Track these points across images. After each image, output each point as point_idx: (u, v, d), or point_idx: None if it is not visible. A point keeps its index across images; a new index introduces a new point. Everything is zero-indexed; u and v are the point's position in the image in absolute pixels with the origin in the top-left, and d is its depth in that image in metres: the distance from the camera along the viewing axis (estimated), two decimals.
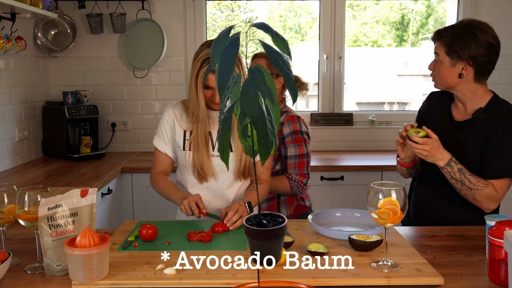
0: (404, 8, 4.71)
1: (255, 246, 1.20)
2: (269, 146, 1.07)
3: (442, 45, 1.71)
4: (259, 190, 1.84)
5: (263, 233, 1.16)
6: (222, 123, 1.08)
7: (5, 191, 1.34)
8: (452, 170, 1.64)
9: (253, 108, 1.03)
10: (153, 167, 1.95)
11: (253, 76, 1.05)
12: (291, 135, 2.18)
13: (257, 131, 1.05)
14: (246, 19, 4.15)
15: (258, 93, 1.05)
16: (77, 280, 1.20)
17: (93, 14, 3.33)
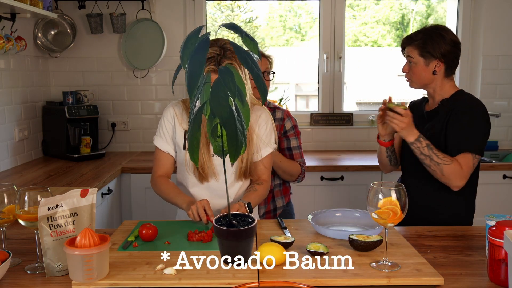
0: (404, 8, 4.71)
1: (225, 246, 1.20)
2: (238, 146, 1.07)
3: (414, 48, 1.92)
4: (259, 190, 1.84)
5: (233, 234, 1.16)
6: (192, 123, 1.08)
7: (5, 191, 1.34)
8: (421, 145, 1.79)
9: (223, 109, 1.04)
10: (154, 169, 1.91)
11: (222, 76, 1.05)
12: (293, 129, 2.31)
13: (226, 131, 1.06)
14: (246, 19, 4.15)
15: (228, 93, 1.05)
16: (77, 280, 1.20)
17: (93, 14, 3.33)
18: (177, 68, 1.16)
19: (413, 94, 5.51)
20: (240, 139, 1.06)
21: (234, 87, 1.05)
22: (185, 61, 1.07)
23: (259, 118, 1.87)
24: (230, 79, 1.05)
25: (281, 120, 2.26)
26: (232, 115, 1.05)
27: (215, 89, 1.04)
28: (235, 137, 1.06)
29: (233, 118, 1.05)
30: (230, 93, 1.05)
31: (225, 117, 1.04)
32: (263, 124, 1.86)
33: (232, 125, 1.05)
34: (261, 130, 1.86)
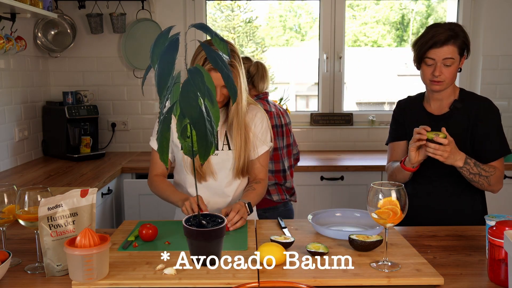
0: (404, 8, 4.71)
1: (195, 246, 1.20)
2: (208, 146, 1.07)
3: (455, 46, 1.76)
4: (258, 189, 1.84)
5: (202, 234, 1.16)
6: (162, 124, 1.08)
7: (5, 191, 1.34)
8: (470, 166, 1.71)
9: (193, 109, 1.04)
10: (150, 169, 1.94)
11: (192, 76, 1.05)
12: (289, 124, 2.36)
13: (196, 131, 1.06)
14: (246, 19, 4.15)
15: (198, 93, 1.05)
16: (77, 280, 1.20)
17: (93, 14, 3.33)
18: (147, 69, 1.16)
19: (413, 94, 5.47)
20: (210, 139, 1.07)
21: (204, 87, 1.06)
22: (154, 61, 1.07)
23: (255, 117, 1.87)
24: (200, 80, 1.06)
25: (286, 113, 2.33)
26: (202, 116, 1.06)
27: (185, 89, 1.04)
28: (204, 138, 1.06)
29: (202, 119, 1.05)
30: (200, 93, 1.05)
31: (195, 118, 1.04)
32: (258, 123, 1.87)
33: (202, 126, 1.05)
34: (257, 129, 1.87)
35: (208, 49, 1.09)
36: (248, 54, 4.24)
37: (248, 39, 4.26)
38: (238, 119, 1.78)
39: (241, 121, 1.79)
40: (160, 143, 1.09)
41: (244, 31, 4.22)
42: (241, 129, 1.80)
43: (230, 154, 1.83)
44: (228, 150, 1.83)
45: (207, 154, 1.08)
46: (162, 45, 1.07)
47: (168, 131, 1.08)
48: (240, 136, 1.80)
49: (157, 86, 1.03)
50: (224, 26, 4.15)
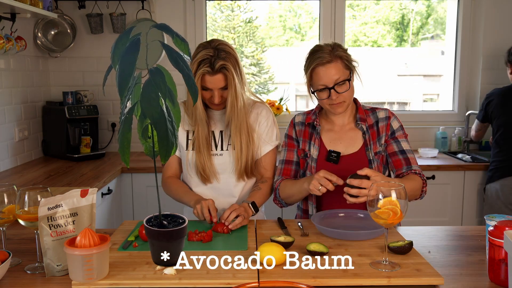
0: (404, 8, 4.71)
1: (156, 246, 1.20)
2: (169, 147, 1.07)
3: None
4: (264, 189, 1.84)
5: (163, 234, 1.16)
6: (123, 124, 1.08)
7: (5, 191, 1.34)
8: None
9: (154, 109, 1.04)
10: (163, 171, 1.94)
11: (153, 77, 1.06)
12: (401, 129, 1.89)
13: (157, 132, 1.06)
14: (246, 19, 4.15)
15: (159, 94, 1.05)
16: (77, 280, 1.20)
17: (93, 14, 3.33)
18: (108, 69, 1.16)
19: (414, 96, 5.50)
20: (171, 139, 1.07)
21: (165, 87, 1.06)
22: (115, 62, 1.07)
23: (259, 115, 1.87)
24: (161, 80, 1.06)
25: (385, 119, 1.83)
26: (163, 116, 1.06)
27: (146, 89, 1.05)
28: (166, 138, 1.06)
29: (163, 119, 1.06)
30: (161, 93, 1.06)
31: (156, 118, 1.04)
32: (263, 121, 1.86)
33: (163, 126, 1.05)
34: (261, 127, 1.86)
35: (169, 49, 1.09)
36: (248, 54, 4.24)
37: (248, 39, 4.26)
38: (236, 121, 1.78)
39: (241, 122, 1.79)
40: (121, 144, 1.09)
41: (244, 31, 4.22)
42: (242, 131, 1.79)
43: (232, 155, 1.83)
44: (233, 150, 1.83)
45: (169, 154, 1.08)
46: (123, 45, 1.07)
47: (129, 132, 1.09)
48: (241, 138, 1.79)
49: (118, 86, 1.03)
50: (224, 26, 4.15)
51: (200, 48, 1.72)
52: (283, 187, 1.82)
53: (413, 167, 1.76)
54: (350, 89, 1.73)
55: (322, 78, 1.71)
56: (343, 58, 1.72)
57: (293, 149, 1.87)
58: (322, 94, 1.74)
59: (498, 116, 2.93)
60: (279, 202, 1.87)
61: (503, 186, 2.81)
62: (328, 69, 1.70)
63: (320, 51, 1.72)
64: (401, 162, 1.78)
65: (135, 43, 1.06)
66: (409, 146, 1.81)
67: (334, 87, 1.70)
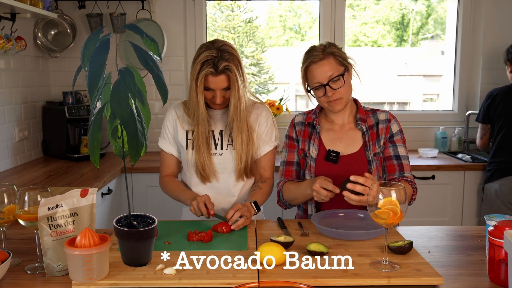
0: (404, 8, 4.71)
1: (125, 247, 1.20)
2: (139, 147, 1.08)
3: None
4: (264, 188, 1.84)
5: (133, 234, 1.16)
6: (92, 125, 1.08)
7: (5, 191, 1.34)
8: None
9: (123, 109, 1.04)
10: (161, 170, 1.96)
11: (123, 77, 1.06)
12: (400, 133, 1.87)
13: (127, 132, 1.06)
14: (246, 19, 4.15)
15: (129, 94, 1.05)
16: (77, 280, 1.20)
17: (93, 14, 3.33)
18: (77, 69, 1.17)
19: (414, 96, 5.50)
20: (140, 139, 1.07)
21: (135, 88, 1.06)
22: (85, 62, 1.07)
23: (259, 116, 1.87)
24: (130, 80, 1.06)
25: (386, 121, 1.83)
26: (132, 116, 1.06)
27: (116, 90, 1.05)
28: (135, 138, 1.06)
29: (133, 119, 1.06)
30: (130, 94, 1.06)
31: (126, 118, 1.05)
32: (263, 122, 1.87)
33: (133, 126, 1.06)
34: (261, 128, 1.87)
35: (138, 50, 1.10)
36: (248, 54, 4.24)
37: (248, 39, 4.26)
38: (238, 121, 1.78)
39: (242, 123, 1.79)
40: (91, 144, 1.09)
41: (244, 31, 4.22)
42: (243, 131, 1.80)
43: (232, 155, 1.83)
44: (232, 150, 1.83)
45: (138, 154, 1.08)
46: (93, 46, 1.07)
47: (99, 132, 1.09)
48: (242, 137, 1.80)
49: (88, 87, 1.04)
50: (224, 26, 4.15)
51: (203, 48, 1.72)
52: (286, 190, 1.82)
53: (405, 174, 1.76)
54: (345, 85, 1.74)
55: (316, 76, 1.72)
56: (336, 54, 1.73)
57: (294, 150, 1.87)
58: (318, 92, 1.75)
59: (501, 116, 2.92)
60: (283, 204, 1.87)
61: (502, 186, 2.81)
62: (320, 66, 1.71)
63: (313, 50, 1.75)
64: (394, 168, 1.78)
65: (105, 43, 1.07)
66: (406, 152, 1.81)
67: (329, 84, 1.70)
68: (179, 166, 1.96)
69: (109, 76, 1.11)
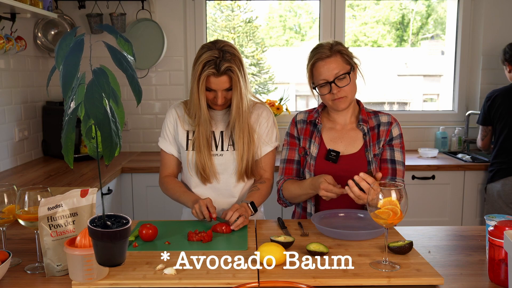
0: (404, 8, 4.71)
1: (100, 247, 1.20)
2: (113, 147, 1.08)
3: None
4: (262, 189, 1.84)
5: (107, 235, 1.16)
6: (66, 125, 1.08)
7: (5, 191, 1.34)
8: None
9: (97, 110, 1.04)
10: (161, 170, 1.95)
11: (97, 77, 1.06)
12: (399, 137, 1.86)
13: (101, 132, 1.06)
14: (246, 19, 4.15)
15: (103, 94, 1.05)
16: (77, 280, 1.20)
17: (93, 14, 3.33)
18: (51, 69, 1.17)
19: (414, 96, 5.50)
20: (114, 140, 1.07)
21: (109, 88, 1.06)
22: (59, 62, 1.07)
23: (260, 117, 1.87)
24: (104, 81, 1.06)
25: (387, 124, 1.81)
26: (106, 116, 1.06)
27: (90, 90, 1.05)
28: (109, 139, 1.06)
29: (107, 119, 1.06)
30: (104, 94, 1.06)
31: (100, 119, 1.05)
32: (264, 122, 1.87)
33: (107, 127, 1.06)
34: (262, 128, 1.87)
35: (112, 50, 1.10)
36: (248, 54, 4.24)
37: (248, 39, 4.26)
38: (240, 122, 1.78)
39: (244, 124, 1.79)
40: (65, 144, 1.09)
41: (244, 31, 4.22)
42: (244, 132, 1.79)
43: (233, 155, 1.83)
44: (233, 151, 1.83)
45: (112, 154, 1.09)
46: (67, 46, 1.08)
47: (72, 132, 1.09)
48: (243, 138, 1.80)
49: (62, 87, 1.04)
50: (224, 26, 4.15)
51: (205, 49, 1.72)
52: (286, 188, 1.82)
53: (397, 180, 1.77)
54: (351, 84, 1.74)
55: (322, 73, 1.72)
56: (343, 53, 1.74)
57: (295, 148, 1.87)
58: (324, 89, 1.74)
59: (502, 117, 2.91)
60: (284, 202, 1.87)
61: (504, 186, 2.81)
62: (327, 64, 1.71)
63: (320, 47, 1.75)
64: (387, 171, 1.78)
65: (79, 43, 1.07)
66: (402, 158, 1.80)
67: (335, 81, 1.71)
68: (179, 167, 1.95)
69: (83, 76, 1.11)
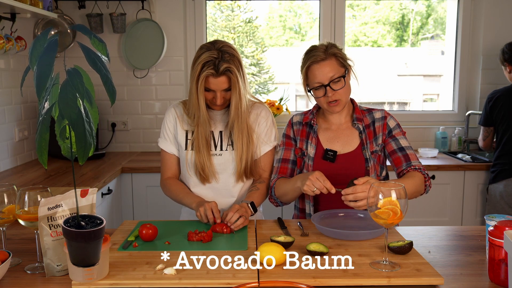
0: (404, 8, 4.71)
1: (73, 247, 1.20)
2: (87, 147, 1.08)
3: None
4: (261, 189, 1.84)
5: (82, 235, 1.16)
6: (40, 125, 1.08)
7: (5, 191, 1.34)
8: None
9: (71, 110, 1.04)
10: (162, 172, 1.94)
11: (71, 77, 1.06)
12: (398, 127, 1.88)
13: (75, 133, 1.06)
14: (246, 19, 4.15)
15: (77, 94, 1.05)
16: (77, 280, 1.20)
17: (93, 14, 3.33)
18: (25, 70, 1.16)
19: (414, 96, 5.50)
20: (88, 140, 1.07)
21: (83, 88, 1.07)
22: (33, 63, 1.07)
23: (259, 116, 1.87)
24: (78, 81, 1.06)
25: (382, 119, 1.84)
26: (80, 117, 1.06)
27: (64, 90, 1.05)
28: (83, 139, 1.07)
29: (81, 120, 1.06)
30: (78, 94, 1.06)
31: (74, 119, 1.05)
32: (262, 122, 1.87)
33: (81, 127, 1.06)
34: (261, 128, 1.87)
35: (86, 50, 1.10)
36: (248, 54, 4.24)
37: (248, 39, 4.26)
38: (239, 123, 1.78)
39: (243, 124, 1.79)
40: (39, 144, 1.09)
41: (244, 31, 4.22)
42: (243, 132, 1.80)
43: (232, 155, 1.83)
44: (232, 150, 1.83)
45: (86, 155, 1.09)
46: (41, 47, 1.08)
47: (46, 133, 1.09)
48: (242, 139, 1.80)
49: (36, 87, 1.04)
50: (224, 26, 4.15)
51: (204, 49, 1.72)
52: (277, 185, 1.82)
53: (413, 163, 1.76)
54: (345, 87, 1.74)
55: (317, 76, 1.72)
56: (338, 55, 1.73)
57: (291, 148, 1.87)
58: (318, 92, 1.74)
59: (504, 118, 2.89)
60: (275, 201, 1.86)
61: (507, 187, 2.81)
62: (322, 67, 1.71)
63: (315, 50, 1.74)
64: (400, 160, 1.78)
65: (53, 43, 1.07)
66: (408, 143, 1.81)
67: (330, 84, 1.71)
68: (180, 167, 1.95)
69: (57, 76, 1.11)
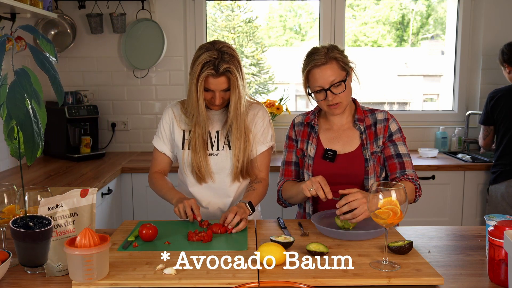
0: (404, 8, 4.71)
1: (21, 248, 1.20)
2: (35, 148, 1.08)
3: None
4: (258, 189, 1.84)
5: (30, 235, 1.16)
6: None
7: (5, 191, 1.34)
8: None
9: (19, 110, 1.05)
10: (151, 167, 1.96)
11: (19, 78, 1.06)
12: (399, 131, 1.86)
13: (23, 133, 1.07)
14: (246, 19, 4.15)
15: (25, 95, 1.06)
16: (77, 280, 1.20)
17: (93, 14, 3.33)
18: None
19: (414, 96, 5.50)
20: (36, 140, 1.08)
21: (31, 89, 1.07)
22: None
23: (255, 117, 1.87)
24: (27, 81, 1.06)
25: (384, 121, 1.82)
26: (28, 117, 1.07)
27: (12, 91, 1.05)
28: (31, 139, 1.07)
29: (29, 120, 1.06)
30: (26, 95, 1.06)
31: (22, 119, 1.05)
32: (259, 122, 1.87)
33: (29, 127, 1.06)
34: (257, 128, 1.87)
35: (35, 51, 1.10)
36: (248, 54, 4.24)
37: (248, 39, 4.26)
38: (238, 123, 1.78)
39: (241, 124, 1.79)
40: None
41: (244, 31, 4.22)
42: (241, 133, 1.80)
43: (229, 156, 1.83)
44: (228, 150, 1.83)
45: (34, 155, 1.09)
46: None
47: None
48: (240, 139, 1.80)
49: None
50: (224, 26, 4.15)
51: (203, 49, 1.72)
52: (284, 188, 1.83)
53: (407, 172, 1.76)
54: (346, 90, 1.74)
55: (318, 80, 1.71)
56: (339, 59, 1.73)
57: (292, 150, 1.88)
58: (319, 95, 1.74)
59: (506, 118, 2.88)
60: (283, 203, 1.88)
61: (508, 188, 2.80)
62: (323, 71, 1.70)
63: (316, 53, 1.73)
64: (395, 166, 1.78)
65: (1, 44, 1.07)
66: (406, 150, 1.81)
67: (330, 88, 1.70)
68: (170, 166, 1.96)
69: (5, 77, 1.11)
